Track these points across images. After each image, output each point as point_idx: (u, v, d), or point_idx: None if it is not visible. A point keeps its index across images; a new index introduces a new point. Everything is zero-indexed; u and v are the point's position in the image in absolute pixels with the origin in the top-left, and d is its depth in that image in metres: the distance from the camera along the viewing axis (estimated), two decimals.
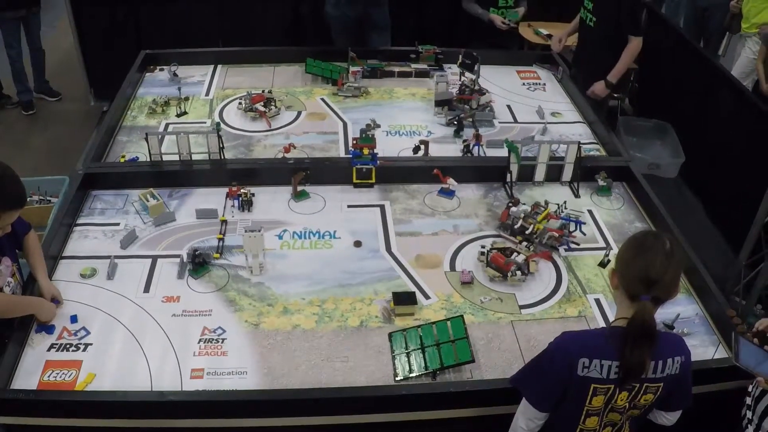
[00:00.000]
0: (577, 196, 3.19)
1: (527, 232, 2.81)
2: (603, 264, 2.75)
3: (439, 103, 3.72)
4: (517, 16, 4.58)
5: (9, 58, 5.62)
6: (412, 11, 5.44)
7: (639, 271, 1.80)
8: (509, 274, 2.64)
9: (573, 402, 1.89)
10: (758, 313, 3.73)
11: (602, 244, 2.90)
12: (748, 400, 2.13)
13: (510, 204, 2.96)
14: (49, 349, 2.31)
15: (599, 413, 1.91)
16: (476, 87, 3.77)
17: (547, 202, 2.95)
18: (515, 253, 2.71)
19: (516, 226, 2.86)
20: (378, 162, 3.13)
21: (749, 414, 2.11)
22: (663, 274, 1.78)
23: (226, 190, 3.07)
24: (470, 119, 3.66)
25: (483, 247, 2.77)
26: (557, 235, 2.81)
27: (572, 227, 2.89)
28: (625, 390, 1.86)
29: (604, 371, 1.82)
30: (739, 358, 2.02)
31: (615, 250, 2.75)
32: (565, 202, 2.98)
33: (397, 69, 4.17)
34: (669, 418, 2.03)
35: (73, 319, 2.42)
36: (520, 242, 2.78)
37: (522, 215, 2.86)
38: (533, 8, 4.92)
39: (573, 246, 2.85)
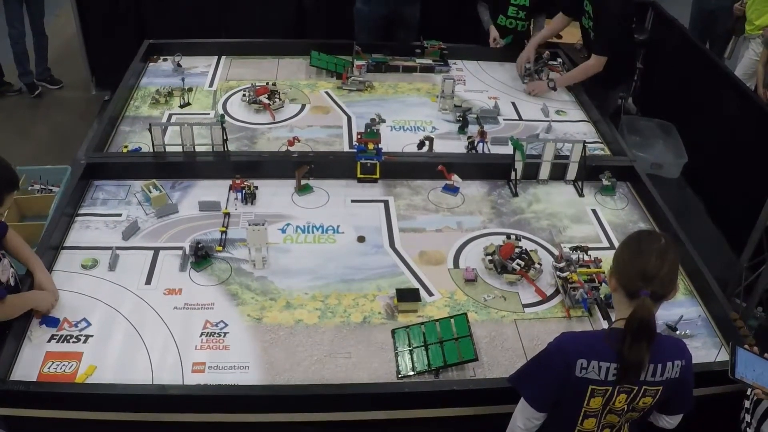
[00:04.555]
0: (581, 195, 3.18)
1: (564, 274, 2.61)
2: None
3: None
4: (510, 40, 4.46)
5: (10, 38, 5.51)
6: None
7: (636, 268, 1.81)
8: (486, 255, 2.70)
9: (571, 403, 1.89)
10: (759, 315, 3.73)
11: (606, 244, 2.89)
12: (747, 404, 2.12)
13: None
14: (49, 341, 2.29)
15: (597, 415, 1.91)
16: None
17: (598, 261, 2.67)
18: (518, 262, 2.65)
19: (560, 264, 2.65)
20: (383, 157, 3.11)
21: (748, 417, 2.11)
22: (660, 269, 1.79)
23: (229, 182, 3.05)
24: (475, 115, 3.65)
25: (518, 238, 2.80)
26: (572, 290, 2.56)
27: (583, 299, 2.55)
28: (623, 392, 1.86)
29: (602, 373, 1.81)
30: (734, 372, 2.05)
31: None
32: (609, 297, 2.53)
33: (401, 64, 4.15)
34: (670, 421, 2.03)
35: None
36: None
37: (571, 259, 2.67)
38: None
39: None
